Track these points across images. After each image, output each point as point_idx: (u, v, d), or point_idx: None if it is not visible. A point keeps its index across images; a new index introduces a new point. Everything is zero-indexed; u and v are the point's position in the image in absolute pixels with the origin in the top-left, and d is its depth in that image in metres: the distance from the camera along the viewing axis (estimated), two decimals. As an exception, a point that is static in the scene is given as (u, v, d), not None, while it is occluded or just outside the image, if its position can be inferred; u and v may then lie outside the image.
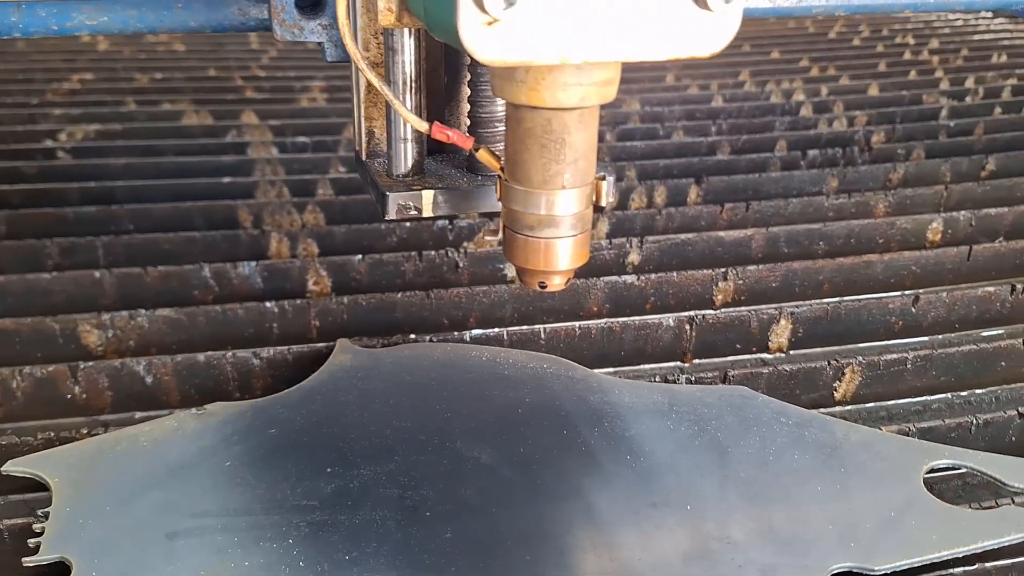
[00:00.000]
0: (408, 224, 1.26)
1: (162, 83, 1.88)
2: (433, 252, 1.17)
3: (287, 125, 1.64)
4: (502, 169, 0.67)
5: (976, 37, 2.45)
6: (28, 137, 1.56)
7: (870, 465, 0.83)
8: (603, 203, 0.67)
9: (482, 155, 0.68)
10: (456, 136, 0.67)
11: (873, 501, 0.79)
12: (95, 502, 0.75)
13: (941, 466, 0.85)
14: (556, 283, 0.68)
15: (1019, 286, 1.17)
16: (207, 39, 2.24)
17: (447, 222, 1.27)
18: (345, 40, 0.64)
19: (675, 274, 1.16)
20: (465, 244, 1.24)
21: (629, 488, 0.80)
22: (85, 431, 0.87)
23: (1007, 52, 2.26)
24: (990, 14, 2.69)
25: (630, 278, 1.15)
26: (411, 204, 0.73)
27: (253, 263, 1.14)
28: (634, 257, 1.24)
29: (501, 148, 0.71)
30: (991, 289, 1.17)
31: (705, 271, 1.17)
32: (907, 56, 2.25)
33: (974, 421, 0.94)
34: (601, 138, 1.64)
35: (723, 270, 1.18)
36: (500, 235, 0.69)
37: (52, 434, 0.87)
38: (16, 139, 1.55)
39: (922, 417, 1.01)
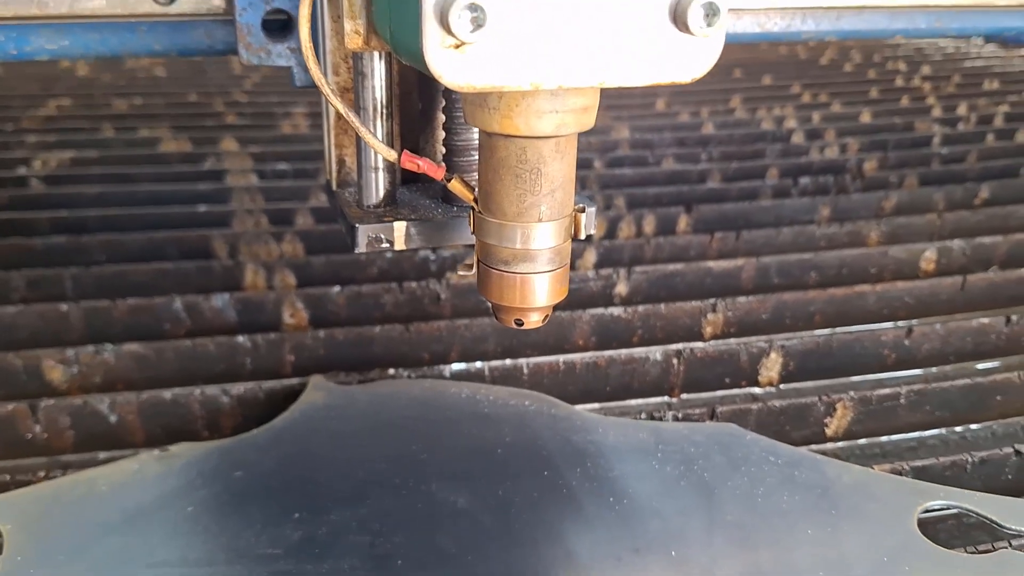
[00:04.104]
0: (389, 254, 1.22)
1: (141, 109, 1.85)
2: (414, 283, 1.14)
3: (268, 152, 1.60)
4: (475, 200, 0.63)
5: (967, 64, 2.44)
6: (1, 165, 1.52)
7: (863, 507, 0.80)
8: (582, 236, 0.64)
9: (454, 186, 0.64)
10: (427, 165, 0.64)
11: (866, 545, 0.76)
12: (48, 550, 0.71)
13: (936, 507, 0.82)
14: (533, 320, 0.65)
15: (1014, 317, 1.14)
16: (188, 64, 2.21)
17: (430, 252, 1.24)
18: (308, 64, 0.61)
19: (663, 306, 1.13)
20: (448, 274, 1.21)
21: (611, 532, 0.76)
22: (43, 473, 0.83)
23: (999, 79, 2.25)
24: (981, 41, 2.68)
25: (617, 310, 1.11)
26: (382, 236, 0.70)
27: (227, 295, 1.10)
28: (621, 288, 1.20)
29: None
30: (986, 320, 1.15)
31: (694, 302, 1.14)
32: (899, 83, 2.23)
33: (969, 459, 0.92)
34: (590, 165, 1.61)
35: (712, 301, 1.14)
36: (474, 269, 0.65)
37: (8, 476, 0.83)
38: (-11, 167, 1.52)
39: (916, 454, 0.98)
